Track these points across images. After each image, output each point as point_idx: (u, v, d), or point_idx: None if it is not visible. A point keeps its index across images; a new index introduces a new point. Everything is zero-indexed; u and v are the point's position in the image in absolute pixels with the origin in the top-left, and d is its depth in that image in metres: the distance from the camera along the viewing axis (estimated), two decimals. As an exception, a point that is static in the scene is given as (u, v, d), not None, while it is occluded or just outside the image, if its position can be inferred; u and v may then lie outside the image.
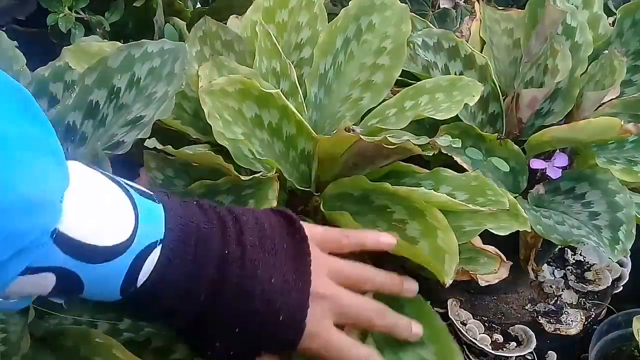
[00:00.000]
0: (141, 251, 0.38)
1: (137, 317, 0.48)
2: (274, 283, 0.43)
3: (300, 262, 0.46)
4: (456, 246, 0.53)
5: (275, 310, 0.43)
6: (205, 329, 0.44)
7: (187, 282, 0.41)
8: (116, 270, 0.38)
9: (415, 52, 0.74)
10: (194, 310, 0.43)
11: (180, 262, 0.40)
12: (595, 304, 0.85)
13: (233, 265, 0.42)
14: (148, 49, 0.58)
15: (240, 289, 0.43)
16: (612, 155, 0.74)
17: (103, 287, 0.38)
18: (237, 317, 0.43)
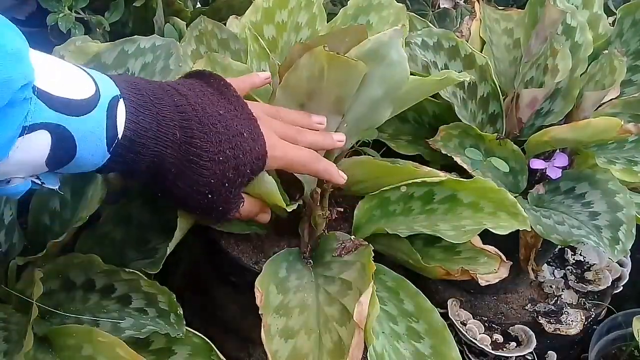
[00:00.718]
0: (109, 103, 0.42)
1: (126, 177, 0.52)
2: (225, 114, 0.50)
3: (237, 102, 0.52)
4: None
5: (238, 129, 0.50)
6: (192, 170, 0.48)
7: (158, 123, 0.45)
8: (97, 122, 0.41)
9: (415, 52, 0.74)
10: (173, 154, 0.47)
11: (144, 109, 0.45)
12: (595, 304, 0.85)
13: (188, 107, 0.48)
14: (140, 44, 0.59)
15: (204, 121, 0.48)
16: (612, 155, 0.74)
17: (92, 143, 0.41)
18: (211, 144, 0.48)
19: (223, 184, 0.49)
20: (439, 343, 0.54)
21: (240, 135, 0.50)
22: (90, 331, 0.49)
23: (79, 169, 0.43)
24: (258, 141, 0.51)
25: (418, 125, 0.77)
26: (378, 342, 0.52)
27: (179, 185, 0.49)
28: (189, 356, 0.52)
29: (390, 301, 0.57)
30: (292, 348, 0.51)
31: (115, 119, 0.42)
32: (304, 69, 0.53)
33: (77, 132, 0.40)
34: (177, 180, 0.48)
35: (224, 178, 0.49)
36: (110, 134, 0.42)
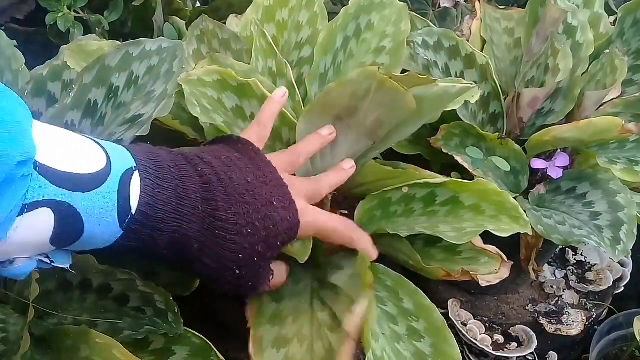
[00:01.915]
0: (122, 176, 0.40)
1: (145, 256, 0.48)
2: (253, 181, 0.47)
3: (267, 167, 0.49)
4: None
5: (267, 198, 0.47)
6: (218, 244, 0.45)
7: (178, 197, 0.42)
8: (107, 198, 0.39)
9: (415, 51, 0.74)
10: (196, 228, 0.43)
11: (163, 182, 0.42)
12: (596, 304, 0.85)
13: (212, 177, 0.45)
14: (146, 47, 0.58)
15: (229, 191, 0.45)
16: (614, 155, 0.73)
17: (101, 220, 0.39)
18: (238, 217, 0.45)
19: (252, 258, 0.46)
20: (440, 341, 0.54)
21: (270, 204, 0.46)
22: (87, 332, 0.49)
23: (88, 246, 0.41)
24: (290, 210, 0.48)
25: (418, 124, 0.77)
26: (378, 346, 0.52)
27: (205, 262, 0.45)
28: (188, 356, 0.52)
29: (390, 300, 0.57)
30: (285, 357, 0.51)
31: (129, 194, 0.40)
32: (350, 84, 0.52)
33: (83, 208, 0.38)
34: (203, 257, 0.45)
35: (254, 252, 0.46)
36: (123, 209, 0.40)
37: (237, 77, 0.59)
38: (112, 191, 0.39)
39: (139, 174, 0.41)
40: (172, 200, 0.42)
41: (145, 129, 0.52)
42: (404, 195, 0.61)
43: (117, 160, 0.40)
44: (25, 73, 0.60)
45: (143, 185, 0.41)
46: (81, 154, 0.39)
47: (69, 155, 0.38)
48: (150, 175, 0.42)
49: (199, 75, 0.58)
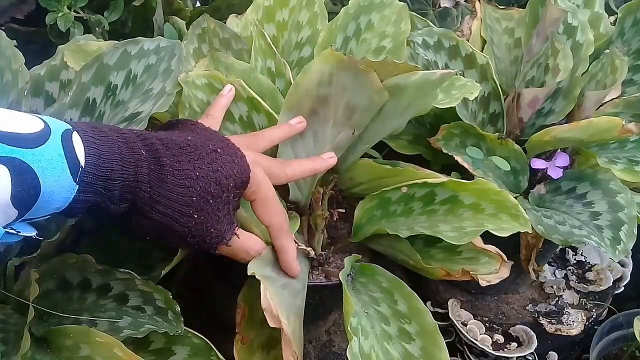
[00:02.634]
0: (62, 134, 0.42)
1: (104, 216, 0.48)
2: (193, 139, 0.48)
3: (209, 133, 0.51)
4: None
5: (211, 148, 0.48)
6: (169, 190, 0.46)
7: (119, 148, 0.44)
8: (54, 151, 0.40)
9: (415, 51, 0.74)
10: (144, 172, 0.45)
11: (104, 137, 0.44)
12: (597, 304, 0.85)
13: (151, 137, 0.47)
14: (144, 46, 0.58)
15: (169, 145, 0.47)
16: (614, 154, 0.73)
17: (54, 173, 0.40)
18: (182, 163, 0.46)
19: (207, 200, 0.47)
20: (430, 345, 0.54)
21: (214, 152, 0.48)
22: (88, 331, 0.49)
23: (49, 205, 0.41)
24: (236, 156, 0.49)
25: (419, 125, 0.77)
26: (367, 342, 0.52)
27: (159, 209, 0.46)
28: (188, 356, 0.52)
29: (384, 301, 0.57)
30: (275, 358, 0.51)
31: (73, 148, 0.42)
32: (314, 71, 0.52)
33: (34, 163, 0.39)
34: (155, 205, 0.46)
35: (207, 194, 0.47)
36: (72, 162, 0.41)
37: (223, 80, 0.59)
38: (57, 145, 0.41)
39: (78, 133, 0.43)
40: (114, 150, 0.44)
41: (142, 125, 0.53)
42: (404, 194, 0.61)
43: (53, 123, 0.42)
44: (25, 73, 0.60)
45: (84, 140, 0.42)
46: (19, 119, 0.41)
47: (9, 119, 0.40)
48: (89, 133, 0.43)
49: (193, 77, 0.59)
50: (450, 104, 0.64)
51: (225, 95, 0.59)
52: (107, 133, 0.45)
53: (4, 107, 0.59)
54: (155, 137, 0.47)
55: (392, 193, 0.61)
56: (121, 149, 0.44)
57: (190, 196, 0.46)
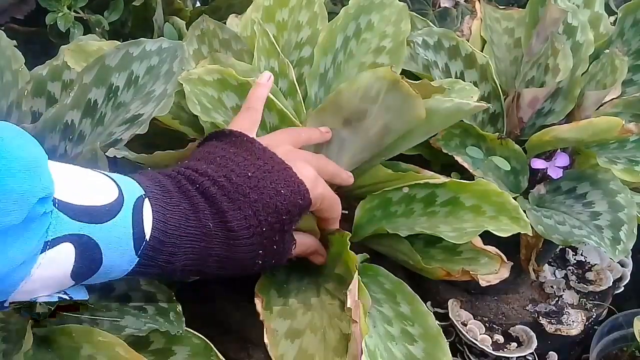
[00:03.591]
0: (134, 204, 0.40)
1: (166, 276, 0.48)
2: (254, 174, 0.47)
3: (265, 154, 0.50)
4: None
5: (273, 188, 0.47)
6: (235, 251, 0.46)
7: (187, 219, 0.43)
8: (123, 227, 0.39)
9: (415, 51, 0.74)
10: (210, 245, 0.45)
11: (171, 206, 0.43)
12: (596, 304, 0.85)
13: (213, 188, 0.46)
14: (146, 47, 0.58)
15: (233, 196, 0.46)
16: (614, 154, 0.73)
17: (118, 249, 0.39)
18: (249, 219, 0.46)
19: (272, 247, 0.48)
20: (433, 347, 0.54)
21: (278, 194, 0.47)
22: (90, 331, 0.49)
23: (106, 277, 0.41)
24: (299, 192, 0.48)
25: (418, 124, 0.77)
26: (371, 340, 0.52)
27: (227, 269, 0.47)
28: (188, 356, 0.52)
29: (387, 303, 0.57)
30: (299, 349, 0.51)
31: (142, 220, 0.41)
32: (362, 84, 0.52)
33: (102, 239, 0.38)
34: (223, 268, 0.46)
35: (271, 243, 0.47)
36: (138, 236, 0.40)
37: (237, 77, 0.59)
38: (127, 220, 0.40)
39: (149, 200, 0.42)
40: (182, 223, 0.43)
41: (143, 127, 0.53)
42: (404, 195, 0.61)
43: (127, 190, 0.41)
44: (25, 73, 0.60)
45: (154, 211, 0.42)
46: (94, 187, 0.39)
47: (83, 189, 0.38)
48: (159, 201, 0.42)
49: (200, 74, 0.58)
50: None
51: (265, 84, 0.57)
52: (176, 198, 0.44)
53: (4, 107, 0.59)
54: (217, 183, 0.45)
55: (393, 193, 0.61)
56: (189, 220, 0.43)
57: (256, 251, 0.47)
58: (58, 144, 0.56)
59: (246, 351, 0.72)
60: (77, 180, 0.39)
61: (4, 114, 0.58)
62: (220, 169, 0.46)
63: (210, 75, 0.58)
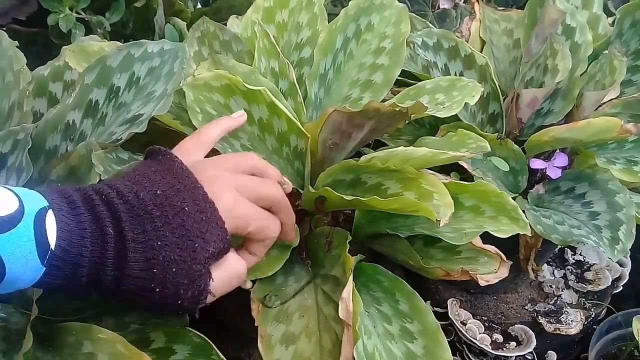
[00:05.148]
0: (36, 214, 0.40)
1: (72, 293, 0.48)
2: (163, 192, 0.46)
3: (182, 174, 0.48)
4: (451, 200, 0.54)
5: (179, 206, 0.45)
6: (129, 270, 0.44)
7: (91, 229, 0.43)
8: (24, 236, 0.39)
9: (415, 52, 0.74)
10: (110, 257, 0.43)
11: (76, 217, 0.42)
12: (595, 303, 0.85)
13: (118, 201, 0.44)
14: (148, 48, 0.58)
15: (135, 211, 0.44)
16: (612, 155, 0.74)
17: (21, 259, 0.39)
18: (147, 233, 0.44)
19: (170, 270, 0.44)
20: (432, 344, 0.54)
21: (182, 211, 0.45)
22: (90, 328, 0.49)
23: (12, 287, 0.40)
24: (205, 211, 0.46)
25: (418, 125, 0.77)
26: (370, 342, 0.52)
27: (123, 288, 0.44)
28: (189, 355, 0.52)
29: (386, 301, 0.57)
30: (294, 353, 0.51)
31: (45, 230, 0.40)
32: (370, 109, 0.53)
33: (2, 249, 0.38)
34: (120, 284, 0.44)
35: (171, 263, 0.44)
36: (42, 246, 0.40)
37: (244, 84, 0.58)
38: (28, 230, 0.40)
39: (53, 212, 0.41)
40: (85, 234, 0.42)
41: (142, 127, 0.53)
42: None
43: (29, 201, 0.41)
44: (27, 73, 0.60)
45: (58, 221, 0.41)
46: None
47: None
48: (64, 212, 0.42)
49: (206, 79, 0.58)
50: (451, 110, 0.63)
51: (235, 119, 0.56)
52: (81, 209, 0.43)
53: (6, 107, 0.59)
54: (124, 197, 0.45)
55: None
56: (92, 230, 0.43)
57: (151, 269, 0.44)
58: (59, 144, 0.56)
59: (246, 350, 0.73)
60: None
61: (5, 115, 0.58)
62: (132, 185, 0.46)
63: (217, 81, 0.58)
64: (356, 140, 0.59)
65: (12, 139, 0.54)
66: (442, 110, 0.62)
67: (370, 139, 0.62)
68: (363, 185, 0.59)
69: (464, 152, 0.58)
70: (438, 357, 0.53)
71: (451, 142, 0.63)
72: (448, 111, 0.62)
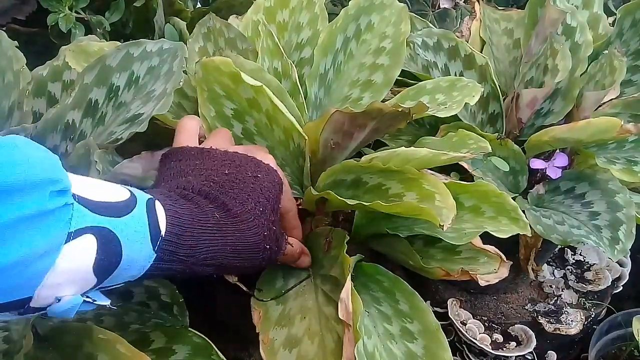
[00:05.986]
0: (147, 202, 0.42)
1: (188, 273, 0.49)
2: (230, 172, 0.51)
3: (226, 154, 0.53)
4: (453, 202, 0.54)
5: (251, 175, 0.51)
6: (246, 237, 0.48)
7: (197, 215, 0.45)
8: (140, 220, 0.41)
9: (415, 51, 0.74)
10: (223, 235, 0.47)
11: (180, 206, 0.45)
12: (595, 303, 0.85)
13: (206, 188, 0.48)
14: (147, 48, 0.58)
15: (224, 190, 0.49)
16: (612, 155, 0.74)
17: (136, 242, 0.41)
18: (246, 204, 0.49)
19: (272, 228, 0.50)
20: (432, 344, 0.54)
21: (255, 179, 0.51)
22: (90, 329, 0.49)
23: (126, 274, 0.42)
24: (270, 172, 0.52)
25: (418, 125, 0.77)
26: (370, 342, 0.52)
27: (244, 256, 0.48)
28: (189, 355, 0.52)
29: (386, 301, 0.57)
30: (297, 356, 0.51)
31: (157, 216, 0.42)
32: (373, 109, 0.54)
33: (121, 232, 0.40)
34: (242, 254, 0.48)
35: (270, 223, 0.50)
36: (154, 231, 0.42)
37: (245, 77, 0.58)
38: (142, 215, 0.41)
39: (159, 202, 0.44)
40: (194, 218, 0.45)
41: (143, 126, 0.53)
42: None
43: (138, 192, 0.43)
44: (27, 73, 0.60)
45: (166, 209, 0.43)
46: (107, 188, 0.41)
47: (98, 189, 0.40)
48: (168, 202, 0.44)
49: (219, 63, 0.58)
50: (451, 110, 0.63)
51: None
52: (181, 201, 0.46)
53: (6, 107, 0.59)
54: (209, 186, 0.48)
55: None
56: (199, 215, 0.46)
57: (262, 233, 0.49)
58: (59, 144, 0.56)
59: (246, 350, 0.73)
60: (91, 182, 0.41)
61: (5, 114, 0.58)
62: (198, 178, 0.49)
63: (228, 67, 0.57)
64: (357, 141, 0.59)
65: (12, 139, 0.54)
66: (442, 110, 0.62)
67: (372, 139, 0.62)
68: (364, 185, 0.59)
69: (465, 152, 0.58)
70: (438, 357, 0.53)
71: (452, 143, 0.63)
72: (448, 111, 0.62)
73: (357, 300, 0.50)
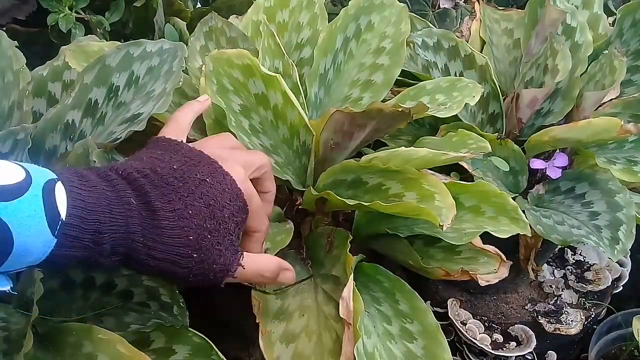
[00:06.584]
0: (44, 185, 0.40)
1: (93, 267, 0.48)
2: (180, 167, 0.47)
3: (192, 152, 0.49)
4: (452, 202, 0.54)
5: (199, 178, 0.46)
6: (163, 235, 0.44)
7: (107, 198, 0.42)
8: (32, 204, 0.39)
9: (415, 51, 0.74)
10: (136, 223, 0.43)
11: (89, 187, 0.42)
12: (595, 303, 0.85)
13: (136, 174, 0.44)
14: (147, 48, 0.58)
15: (156, 183, 0.45)
16: (612, 155, 0.74)
17: (30, 228, 0.38)
18: (174, 202, 0.44)
19: (205, 237, 0.45)
20: (432, 344, 0.54)
21: (203, 182, 0.46)
22: (90, 329, 0.49)
23: (23, 260, 0.39)
24: (225, 182, 0.47)
25: (418, 125, 0.77)
26: (369, 342, 0.52)
27: (156, 256, 0.44)
28: (189, 355, 0.52)
29: (386, 301, 0.57)
30: (294, 352, 0.51)
31: (54, 200, 0.40)
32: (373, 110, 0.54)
33: (9, 217, 0.37)
34: (152, 252, 0.44)
35: (203, 230, 0.45)
36: (51, 215, 0.39)
37: (262, 68, 0.58)
38: (36, 198, 0.39)
39: (62, 183, 0.41)
40: (102, 201, 0.42)
41: (142, 125, 0.53)
42: None
43: (36, 173, 0.40)
44: (27, 73, 0.60)
45: (68, 191, 0.40)
46: (1, 168, 0.39)
47: None
48: (75, 183, 0.41)
49: (229, 55, 0.57)
50: (452, 110, 0.63)
51: (202, 102, 0.56)
52: (95, 181, 0.43)
53: (6, 107, 0.59)
54: (141, 172, 0.45)
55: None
56: (109, 198, 0.42)
57: (187, 236, 0.44)
58: (59, 144, 0.57)
59: (247, 350, 0.73)
60: None
61: (5, 114, 0.58)
62: (145, 164, 0.46)
63: (240, 59, 0.58)
64: (357, 141, 0.59)
65: (12, 139, 0.54)
66: (442, 110, 0.62)
67: (372, 139, 0.62)
68: (364, 185, 0.59)
69: (465, 152, 0.58)
70: (438, 357, 0.53)
71: (452, 143, 0.63)
72: (448, 111, 0.62)
73: (358, 299, 0.50)
